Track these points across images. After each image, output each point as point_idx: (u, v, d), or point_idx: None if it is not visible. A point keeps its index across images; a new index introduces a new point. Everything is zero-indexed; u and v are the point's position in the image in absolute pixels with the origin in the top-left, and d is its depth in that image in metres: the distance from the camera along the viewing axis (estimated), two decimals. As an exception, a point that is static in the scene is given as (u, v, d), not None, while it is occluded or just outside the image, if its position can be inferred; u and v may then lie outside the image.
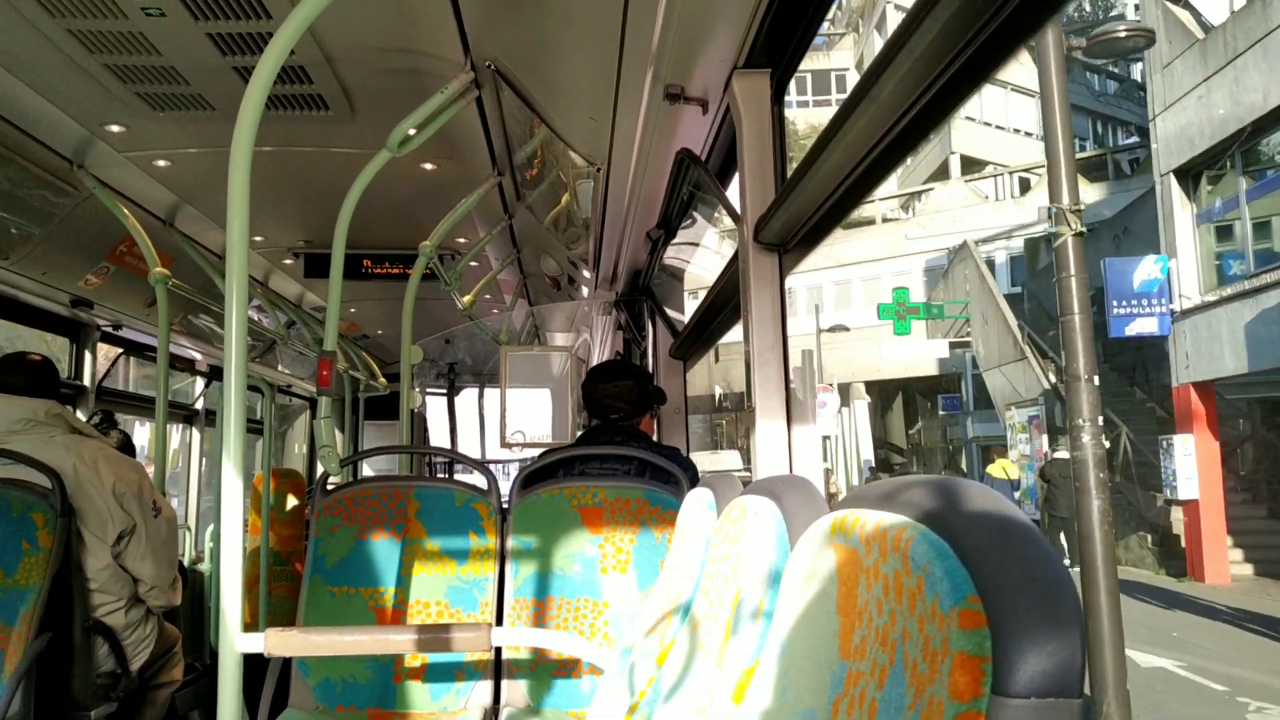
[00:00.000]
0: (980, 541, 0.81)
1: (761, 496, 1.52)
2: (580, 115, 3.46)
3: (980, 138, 38.64)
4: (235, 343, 2.30)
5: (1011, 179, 37.20)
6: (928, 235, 35.01)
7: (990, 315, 27.95)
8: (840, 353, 32.23)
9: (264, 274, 5.96)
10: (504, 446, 5.67)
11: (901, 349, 31.24)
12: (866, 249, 35.64)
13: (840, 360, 32.17)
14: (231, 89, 3.31)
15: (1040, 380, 24.37)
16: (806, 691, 1.09)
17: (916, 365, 33.91)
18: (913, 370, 34.41)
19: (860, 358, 33.14)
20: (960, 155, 37.97)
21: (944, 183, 36.90)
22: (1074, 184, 7.48)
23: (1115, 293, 19.15)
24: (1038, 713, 0.71)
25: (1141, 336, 19.76)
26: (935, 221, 35.32)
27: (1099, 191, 31.69)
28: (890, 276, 34.49)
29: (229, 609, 2.28)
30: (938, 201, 36.34)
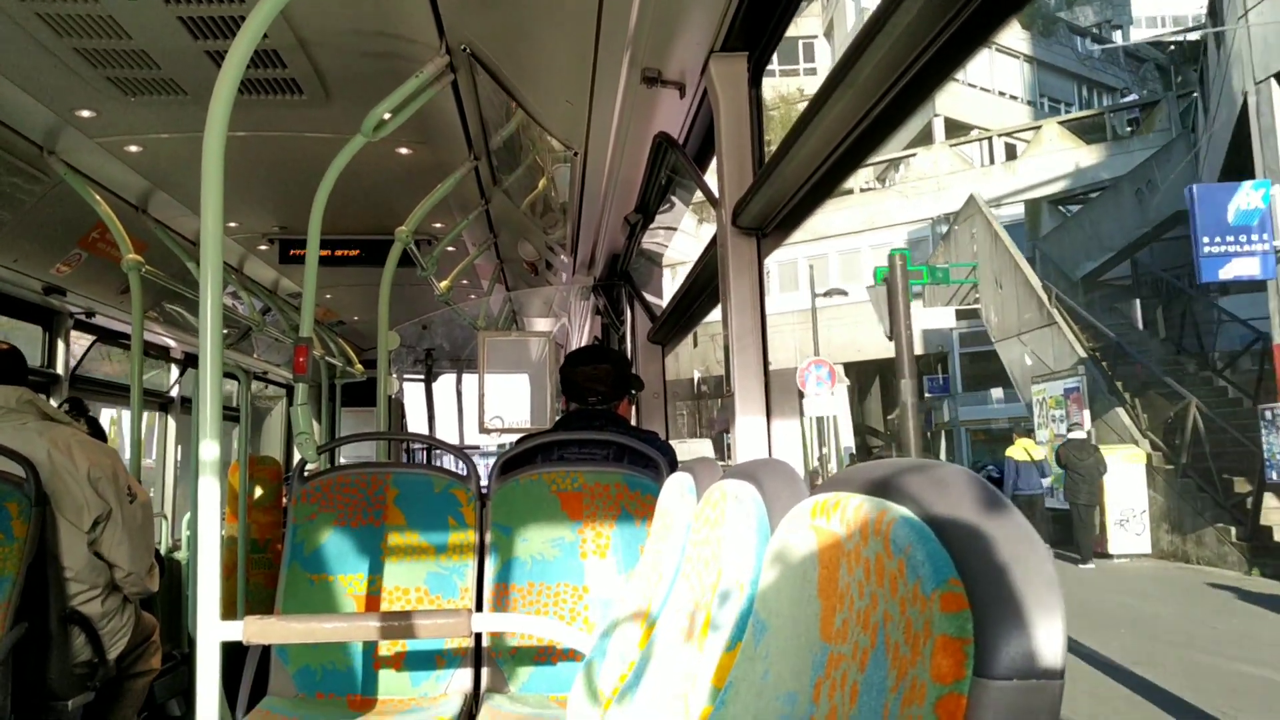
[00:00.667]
0: (962, 524, 0.81)
1: (742, 481, 1.52)
2: (557, 99, 3.44)
3: (965, 101, 37.08)
4: (210, 329, 2.29)
5: (998, 144, 35.12)
6: (920, 198, 32.51)
7: (1006, 279, 24.65)
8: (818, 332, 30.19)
9: (238, 260, 5.91)
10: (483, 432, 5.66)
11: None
12: (844, 221, 33.21)
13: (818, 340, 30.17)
14: (204, 73, 3.28)
15: (1074, 348, 21.19)
16: (788, 674, 1.09)
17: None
18: (892, 349, 32.03)
19: (838, 337, 31.17)
20: (944, 119, 36.22)
21: (927, 148, 34.62)
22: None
23: (1206, 227, 15.41)
24: (1019, 694, 0.71)
25: (1240, 280, 16.17)
26: (919, 189, 33.02)
27: (1097, 153, 30.91)
28: (869, 250, 32.32)
29: (206, 597, 2.26)
30: (921, 168, 33.84)
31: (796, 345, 29.50)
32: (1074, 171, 30.99)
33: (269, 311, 6.59)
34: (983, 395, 31.16)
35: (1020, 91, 39.50)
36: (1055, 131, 31.93)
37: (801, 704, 1.02)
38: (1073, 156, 31.22)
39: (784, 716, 1.06)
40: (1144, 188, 24.89)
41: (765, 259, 2.71)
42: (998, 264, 25.19)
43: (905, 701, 0.79)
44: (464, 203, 4.91)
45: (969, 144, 34.94)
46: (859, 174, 34.77)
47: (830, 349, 30.12)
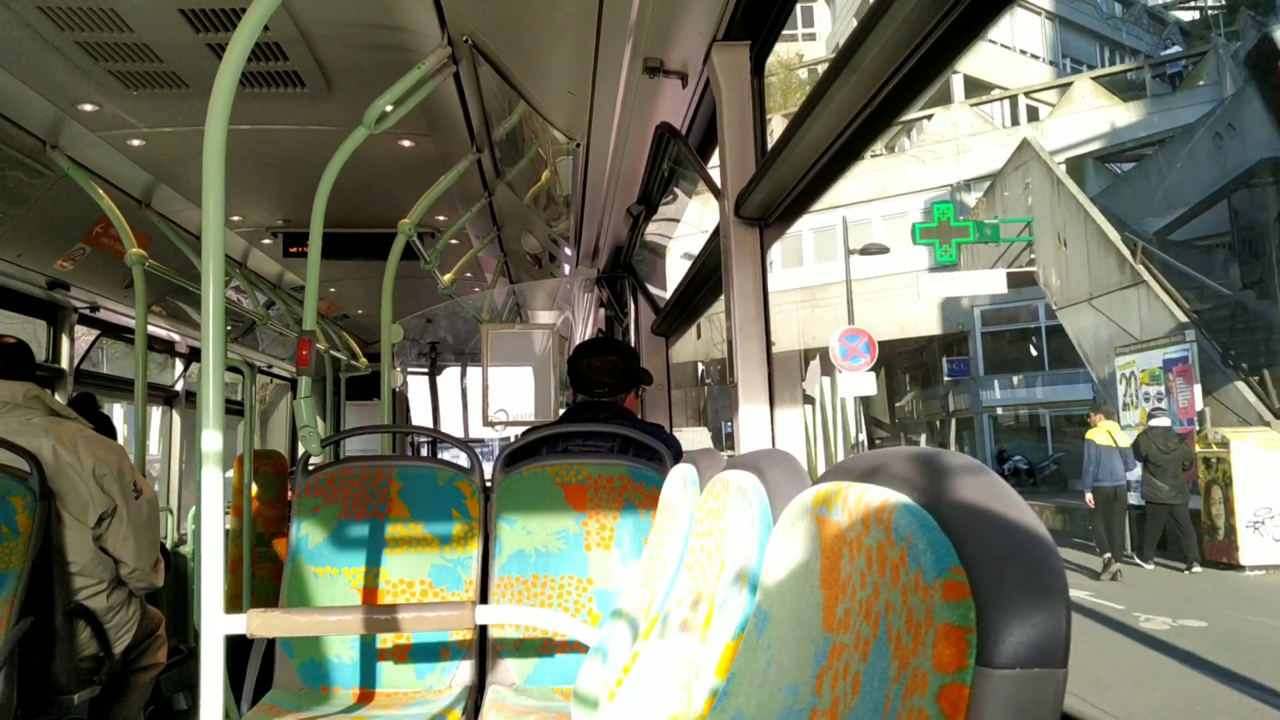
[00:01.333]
0: (964, 512, 0.80)
1: (744, 471, 1.52)
2: (559, 90, 3.43)
3: (986, 58, 33.25)
4: (213, 323, 2.29)
5: (1022, 103, 32.04)
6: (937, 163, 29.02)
7: (1073, 234, 20.62)
8: (823, 311, 27.81)
9: (242, 254, 5.92)
10: (487, 425, 5.66)
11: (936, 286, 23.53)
12: (853, 189, 29.71)
13: (822, 320, 27.54)
14: (205, 66, 3.28)
15: (1172, 312, 17.65)
16: (791, 665, 1.08)
17: (914, 323, 28.88)
18: (908, 328, 29.19)
19: (845, 313, 27.60)
20: (964, 76, 31.99)
21: (945, 108, 30.89)
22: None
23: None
24: (1022, 683, 0.71)
25: None
26: (936, 154, 29.39)
27: (1137, 110, 28.40)
28: (881, 221, 29.11)
29: (210, 590, 2.27)
30: (938, 130, 30.24)
31: (800, 327, 27.60)
32: (1112, 130, 28.80)
33: (272, 305, 6.60)
34: (1011, 378, 29.48)
35: (1042, 50, 36.78)
36: (1089, 88, 29.33)
37: (804, 695, 1.02)
38: (1108, 114, 28.48)
39: (787, 707, 1.05)
40: (1224, 132, 21.78)
41: (768, 249, 2.70)
42: (1061, 217, 21.09)
43: (907, 691, 0.78)
44: (467, 195, 4.91)
45: (990, 103, 31.69)
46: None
47: (840, 327, 26.99)
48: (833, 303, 26.77)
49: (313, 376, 3.24)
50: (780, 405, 2.68)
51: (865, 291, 26.33)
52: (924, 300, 26.83)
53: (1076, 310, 20.72)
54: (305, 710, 2.89)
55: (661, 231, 5.22)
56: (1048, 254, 21.86)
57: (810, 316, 27.47)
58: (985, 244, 23.09)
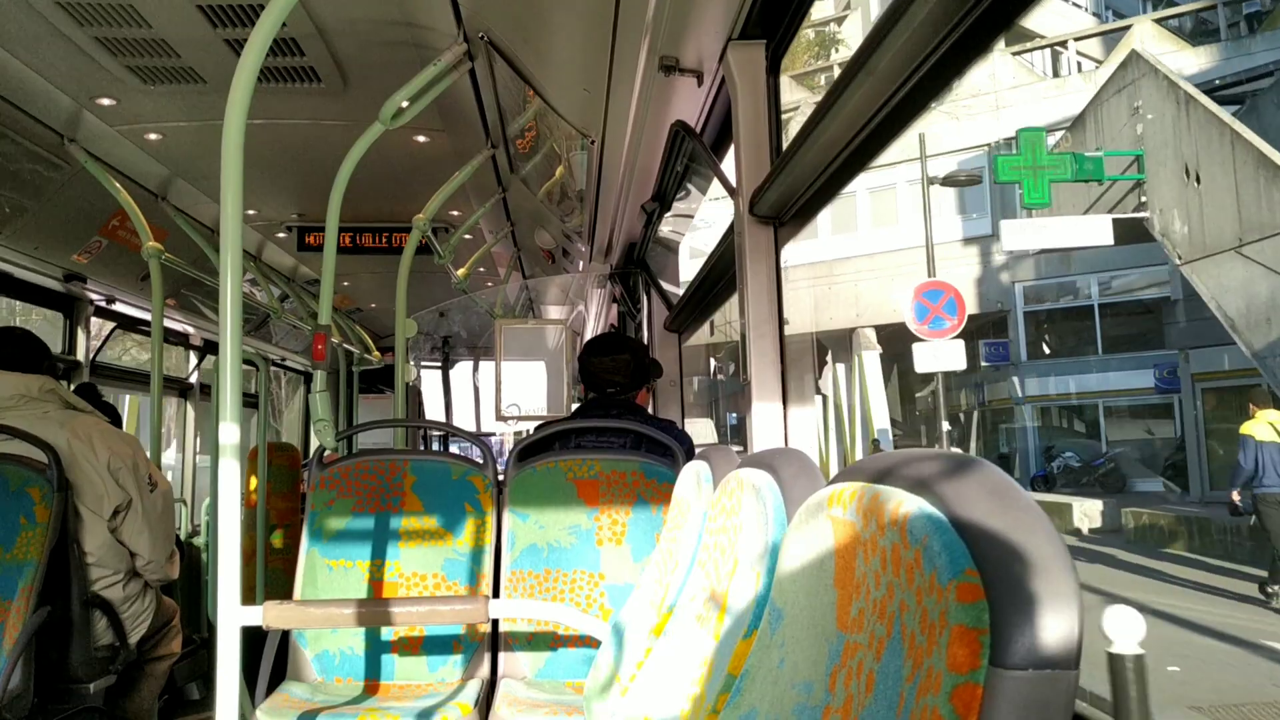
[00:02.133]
0: (978, 515, 0.81)
1: (758, 469, 1.53)
2: (574, 87, 3.44)
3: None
4: (230, 316, 2.30)
5: (1063, 57, 28.37)
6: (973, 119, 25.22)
7: (1210, 164, 15.79)
8: (842, 288, 25.30)
9: (257, 247, 5.94)
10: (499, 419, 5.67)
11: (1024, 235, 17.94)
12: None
13: (840, 299, 25.29)
14: (223, 61, 3.30)
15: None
16: (804, 663, 1.09)
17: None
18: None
19: (869, 294, 25.41)
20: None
21: (983, 57, 28.16)
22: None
23: None
24: (1035, 684, 0.72)
25: None
26: (971, 109, 25.60)
27: (1209, 56, 24.73)
28: (906, 186, 25.64)
29: (227, 582, 2.29)
30: (975, 83, 26.26)
31: (813, 301, 25.19)
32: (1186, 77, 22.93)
33: (287, 299, 6.62)
34: (1065, 364, 26.48)
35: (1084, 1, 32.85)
36: (1151, 32, 25.03)
37: (817, 692, 1.03)
38: (1175, 61, 22.82)
39: (800, 705, 1.06)
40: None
41: (783, 248, 2.71)
42: (1191, 146, 16.37)
43: (921, 691, 0.79)
44: (481, 190, 4.92)
45: (1035, 50, 27.64)
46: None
47: (860, 309, 25.47)
48: (851, 279, 25.10)
49: (327, 370, 3.26)
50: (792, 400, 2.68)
51: (897, 265, 24.30)
52: (956, 277, 22.94)
53: (1216, 263, 15.57)
54: (318, 701, 2.91)
55: (675, 228, 5.22)
56: (1168, 194, 16.71)
57: (827, 295, 25.12)
58: (1079, 183, 17.72)
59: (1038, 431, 27.33)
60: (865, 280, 25.50)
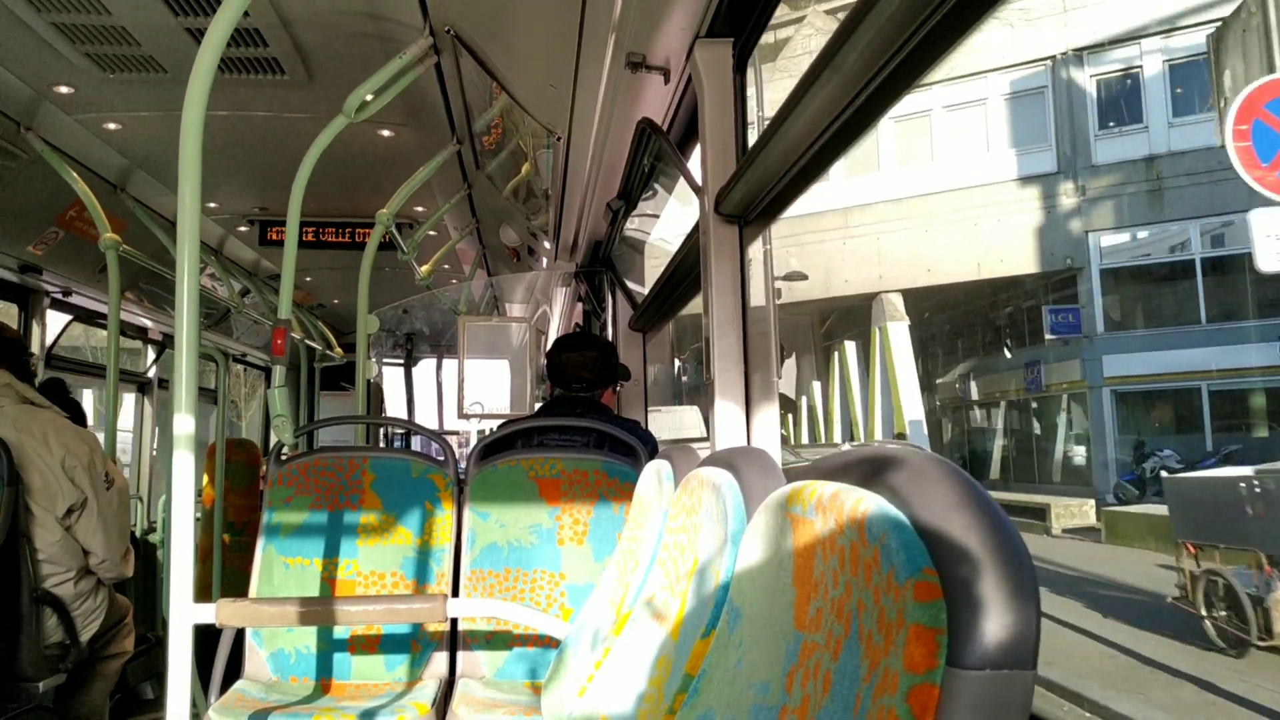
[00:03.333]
0: (937, 513, 0.80)
1: (719, 468, 1.52)
2: (540, 83, 3.42)
3: None
4: (187, 310, 2.28)
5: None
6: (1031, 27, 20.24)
7: None
8: (858, 243, 20.75)
9: (218, 241, 5.87)
10: (461, 417, 5.64)
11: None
12: None
13: (855, 257, 20.68)
14: (184, 51, 3.25)
15: None
16: (761, 662, 1.08)
17: (997, 258, 20.53)
18: (989, 264, 20.61)
19: (895, 249, 20.81)
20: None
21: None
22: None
23: None
24: (992, 685, 0.71)
25: None
26: (1029, 14, 20.44)
27: None
28: (943, 113, 21.25)
29: (180, 579, 2.25)
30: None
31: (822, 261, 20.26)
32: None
33: (248, 293, 6.55)
34: (1150, 336, 20.78)
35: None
36: None
37: (774, 692, 1.02)
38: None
39: (757, 705, 1.05)
40: None
41: (748, 246, 2.70)
42: None
43: (877, 691, 0.78)
44: (446, 186, 4.89)
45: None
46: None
47: (883, 269, 20.99)
48: (871, 231, 20.38)
49: (287, 365, 3.22)
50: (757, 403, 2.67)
51: (909, 216, 20.39)
52: (1016, 226, 19.43)
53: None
54: (273, 700, 2.88)
55: (641, 227, 5.21)
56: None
57: (837, 254, 20.36)
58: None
59: (1119, 422, 21.29)
60: (891, 232, 20.82)
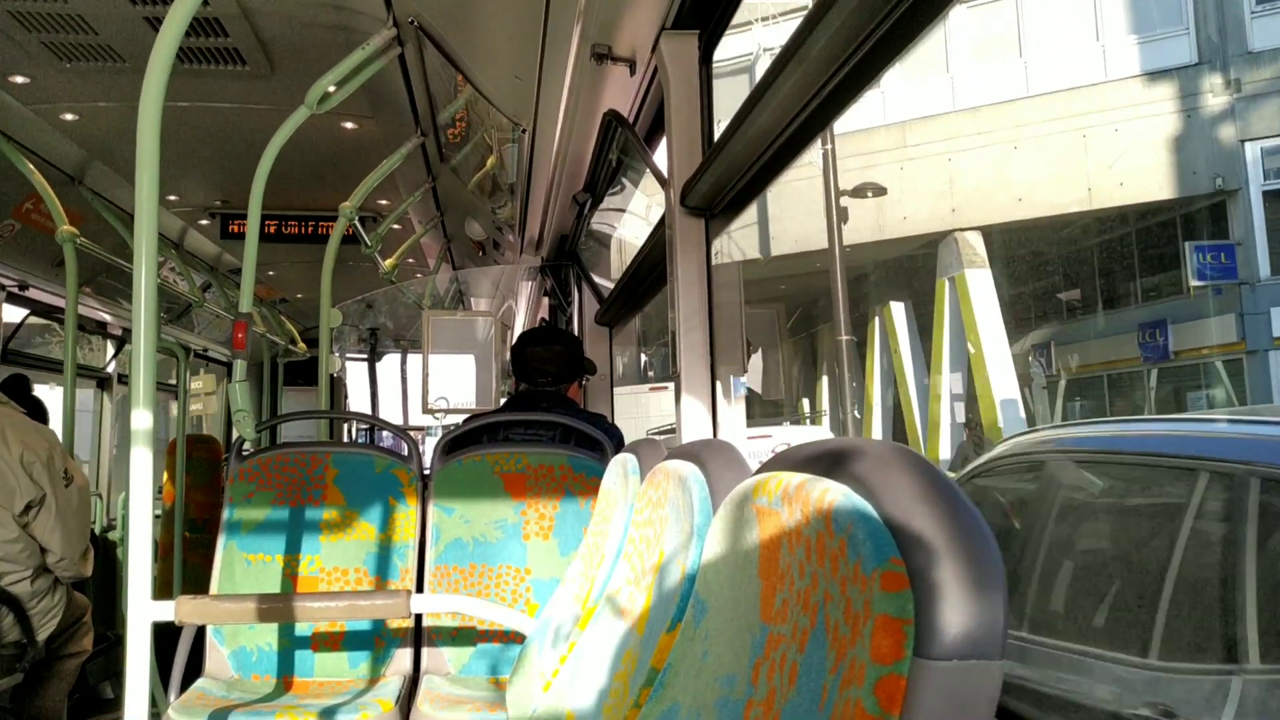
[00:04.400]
0: (904, 503, 0.80)
1: (685, 461, 1.51)
2: (505, 74, 3.40)
3: None
4: (145, 304, 2.25)
5: None
6: None
7: None
8: (920, 166, 16.32)
9: (178, 234, 5.80)
10: (426, 412, 5.60)
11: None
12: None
13: (917, 185, 16.12)
14: (143, 40, 3.20)
15: None
16: (728, 655, 1.08)
17: (1115, 183, 15.89)
18: (1103, 190, 15.94)
19: (972, 173, 16.22)
20: None
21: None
22: None
23: None
24: (959, 674, 0.70)
25: None
26: None
27: None
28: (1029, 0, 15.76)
29: (138, 576, 2.22)
30: None
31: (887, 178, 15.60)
32: None
33: (209, 288, 6.48)
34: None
35: None
36: None
37: (740, 685, 1.01)
38: None
39: (723, 698, 1.05)
40: None
41: (714, 239, 2.70)
42: None
43: (844, 682, 0.78)
44: (410, 179, 4.86)
45: None
46: None
47: (957, 200, 16.43)
48: (938, 150, 16.22)
49: (248, 360, 3.18)
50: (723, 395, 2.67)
51: (994, 129, 16.38)
52: (1142, 137, 15.28)
53: None
54: (235, 699, 2.85)
55: (607, 221, 5.20)
56: None
57: (894, 182, 15.84)
58: None
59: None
60: (966, 151, 16.37)
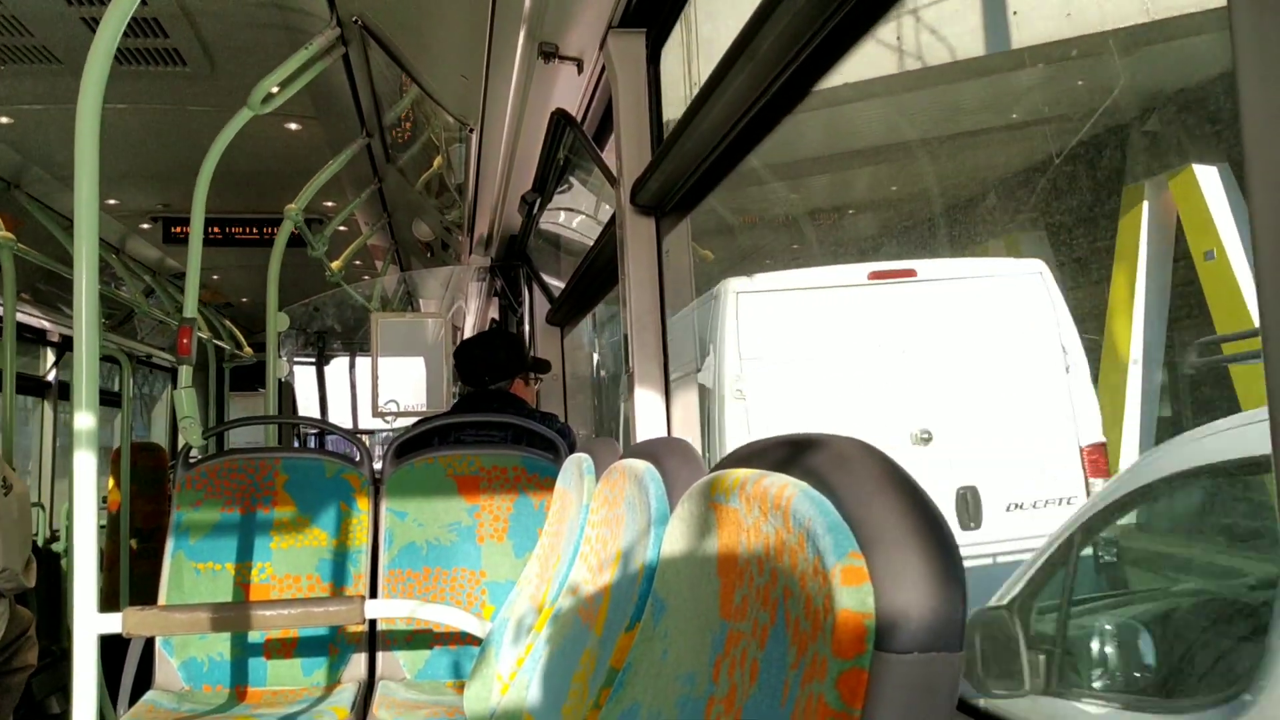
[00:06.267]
0: (862, 498, 0.80)
1: (641, 459, 1.51)
2: (451, 74, 3.37)
3: None
4: (86, 311, 2.21)
5: None
6: None
7: None
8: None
9: (119, 239, 5.71)
10: (376, 416, 5.56)
11: None
12: None
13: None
14: (79, 41, 3.14)
15: None
16: (687, 654, 1.07)
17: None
18: None
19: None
20: None
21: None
22: None
23: None
24: (920, 667, 0.71)
25: None
26: None
27: None
28: None
29: (84, 587, 2.18)
30: None
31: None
32: None
33: (152, 293, 6.38)
34: None
35: None
36: None
37: (701, 683, 1.01)
38: None
39: (684, 696, 1.04)
40: None
41: (665, 237, 2.70)
42: None
43: (806, 678, 0.78)
44: (356, 181, 4.82)
45: None
46: None
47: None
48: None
49: (194, 366, 3.13)
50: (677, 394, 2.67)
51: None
52: None
53: None
54: (186, 710, 2.80)
55: (557, 220, 5.18)
56: None
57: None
58: None
59: None
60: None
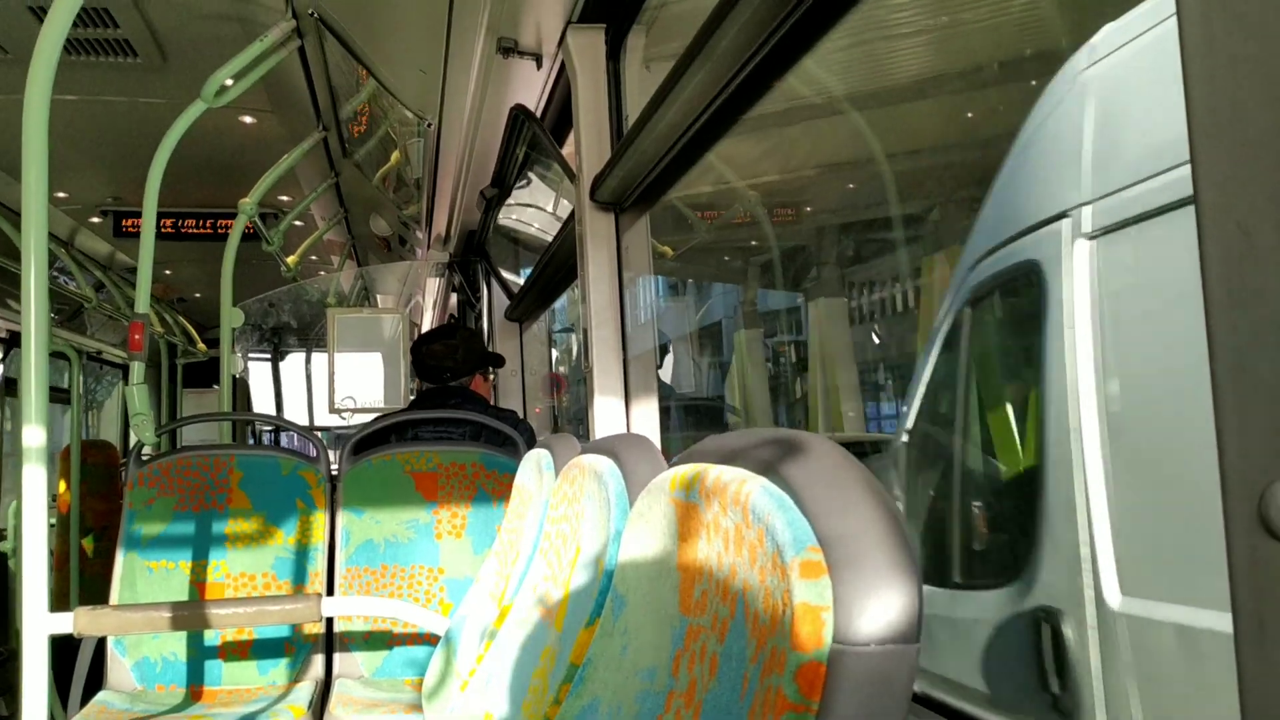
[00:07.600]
0: (820, 492, 0.81)
1: (601, 455, 1.51)
2: (409, 68, 3.35)
3: None
4: (35, 306, 2.17)
5: None
6: None
7: None
8: None
9: (69, 233, 5.61)
10: (333, 412, 5.51)
11: None
12: None
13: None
14: (27, 30, 3.09)
15: None
16: (648, 648, 1.08)
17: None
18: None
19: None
20: None
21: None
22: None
23: None
24: (878, 659, 0.71)
25: None
26: None
27: None
28: None
29: (33, 587, 2.14)
30: None
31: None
32: None
33: (103, 288, 6.28)
34: None
35: None
36: None
37: (661, 678, 1.01)
38: None
39: (644, 691, 1.05)
40: None
41: (624, 233, 2.70)
42: None
43: (765, 671, 0.78)
44: (312, 175, 4.78)
45: None
46: None
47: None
48: None
49: (146, 362, 3.09)
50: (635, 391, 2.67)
51: None
52: None
53: None
54: (138, 711, 2.76)
55: (516, 216, 5.17)
56: None
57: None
58: None
59: None
60: None
